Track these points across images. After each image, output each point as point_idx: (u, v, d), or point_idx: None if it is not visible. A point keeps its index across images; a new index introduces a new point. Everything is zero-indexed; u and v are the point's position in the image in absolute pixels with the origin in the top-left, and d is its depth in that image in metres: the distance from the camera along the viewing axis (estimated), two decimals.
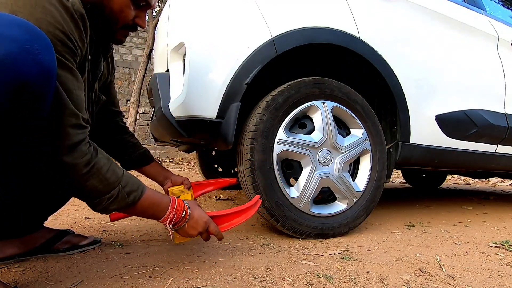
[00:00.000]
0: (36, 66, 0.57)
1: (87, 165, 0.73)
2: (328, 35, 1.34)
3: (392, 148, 1.57)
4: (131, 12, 0.86)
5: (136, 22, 0.88)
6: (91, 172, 0.74)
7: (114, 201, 0.79)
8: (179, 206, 0.89)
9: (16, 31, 0.55)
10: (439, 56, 1.66)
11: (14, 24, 0.56)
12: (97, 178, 0.75)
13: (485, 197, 2.94)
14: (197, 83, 1.21)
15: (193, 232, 0.92)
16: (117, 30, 0.88)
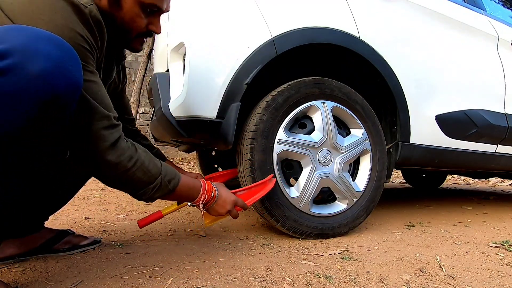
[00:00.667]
0: (66, 81, 0.61)
1: (130, 160, 0.79)
2: (328, 35, 1.34)
3: (392, 148, 1.57)
4: (143, 20, 0.86)
5: (150, 28, 0.89)
6: (136, 166, 0.80)
7: (158, 190, 0.87)
8: (209, 188, 1.00)
9: (50, 48, 0.59)
10: (439, 56, 1.66)
11: (48, 40, 0.60)
12: (141, 171, 0.82)
13: (485, 197, 2.94)
14: (197, 83, 1.21)
15: (223, 211, 1.03)
16: (132, 39, 0.89)
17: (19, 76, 0.56)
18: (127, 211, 1.78)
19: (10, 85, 0.56)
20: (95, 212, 1.71)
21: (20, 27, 0.60)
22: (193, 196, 0.97)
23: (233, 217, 1.06)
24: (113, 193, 2.40)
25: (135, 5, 0.83)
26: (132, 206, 1.91)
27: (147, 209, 1.83)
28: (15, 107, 0.57)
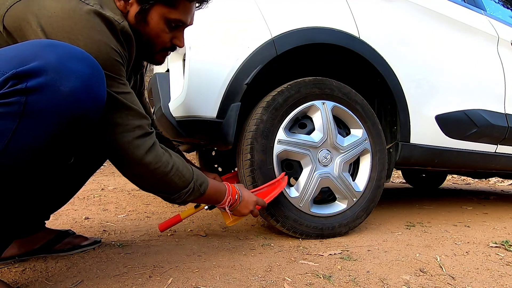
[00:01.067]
0: (93, 99, 0.64)
1: (167, 166, 0.83)
2: (328, 35, 1.34)
3: (392, 148, 1.57)
4: (168, 35, 0.88)
5: (174, 42, 0.90)
6: (172, 171, 0.85)
7: (191, 194, 0.91)
8: (233, 190, 1.05)
9: (81, 66, 0.62)
10: (439, 56, 1.66)
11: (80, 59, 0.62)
12: (177, 176, 0.86)
13: (485, 197, 2.94)
14: (197, 83, 1.21)
15: (246, 211, 1.08)
16: (156, 53, 0.91)
17: (51, 94, 0.58)
18: (127, 211, 1.78)
19: (42, 103, 0.58)
20: (95, 212, 1.71)
21: (55, 44, 0.62)
22: (219, 199, 1.02)
23: (254, 216, 1.13)
24: (113, 193, 2.40)
25: (161, 21, 0.84)
26: (132, 206, 1.91)
27: (147, 209, 1.83)
28: (44, 124, 0.60)
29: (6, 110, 0.56)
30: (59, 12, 0.67)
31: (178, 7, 0.84)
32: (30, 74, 0.57)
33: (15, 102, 0.56)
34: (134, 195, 2.34)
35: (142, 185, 0.87)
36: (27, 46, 0.61)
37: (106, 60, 0.71)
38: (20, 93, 0.57)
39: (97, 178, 3.31)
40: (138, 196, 2.30)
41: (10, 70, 0.57)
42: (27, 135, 0.58)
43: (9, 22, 0.68)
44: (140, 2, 0.81)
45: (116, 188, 2.67)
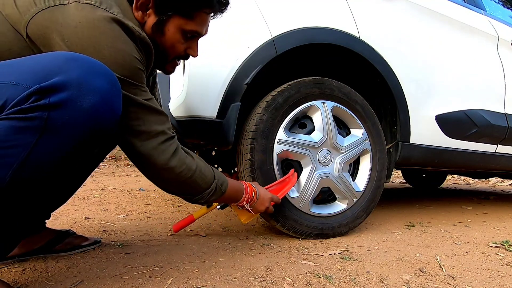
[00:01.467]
0: (111, 114, 0.65)
1: (191, 168, 0.86)
2: (328, 35, 1.34)
3: (392, 148, 1.57)
4: (183, 45, 0.89)
5: (188, 52, 0.92)
6: (196, 174, 0.87)
7: (213, 194, 0.95)
8: (250, 188, 1.08)
9: (102, 82, 0.63)
10: (439, 56, 1.66)
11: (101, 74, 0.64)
12: (200, 177, 0.89)
13: (485, 197, 2.94)
14: (197, 83, 1.21)
15: (262, 208, 1.11)
16: (168, 62, 0.93)
17: (73, 109, 0.60)
18: (127, 211, 1.78)
19: (63, 118, 0.59)
20: (95, 212, 1.71)
21: (78, 58, 0.63)
22: (238, 197, 1.05)
23: (269, 212, 1.17)
24: (113, 193, 2.40)
25: (177, 32, 0.86)
26: (132, 206, 1.91)
27: (147, 209, 1.83)
28: (64, 138, 0.61)
29: (27, 125, 0.57)
30: (84, 21, 0.68)
31: (195, 19, 0.86)
32: (53, 90, 0.58)
33: (37, 117, 0.57)
34: (134, 195, 2.34)
35: (167, 188, 0.90)
36: (49, 59, 0.62)
37: (130, 69, 0.74)
38: (42, 109, 0.57)
39: (97, 178, 3.31)
40: (138, 196, 2.30)
41: (33, 84, 0.57)
42: (46, 149, 0.59)
43: (33, 30, 0.68)
44: (158, 13, 0.83)
45: (116, 188, 2.68)
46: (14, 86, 0.57)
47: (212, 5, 0.87)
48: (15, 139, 0.56)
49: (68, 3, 0.69)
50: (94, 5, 0.70)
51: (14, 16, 0.69)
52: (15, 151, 0.57)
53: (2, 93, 0.57)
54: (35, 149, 0.58)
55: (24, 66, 0.61)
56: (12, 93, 0.57)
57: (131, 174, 3.92)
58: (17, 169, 0.57)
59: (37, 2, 0.69)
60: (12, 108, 0.56)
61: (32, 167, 0.59)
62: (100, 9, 0.70)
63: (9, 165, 0.56)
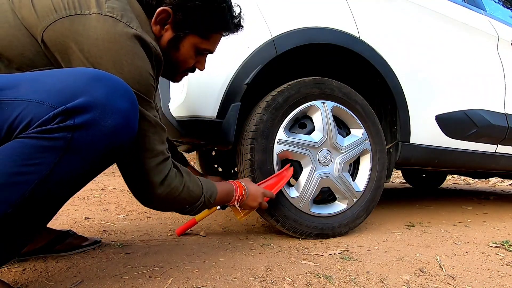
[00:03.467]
0: (129, 133, 0.67)
1: (178, 188, 0.86)
2: (328, 35, 1.34)
3: (392, 148, 1.57)
4: (193, 60, 0.93)
5: (197, 66, 0.96)
6: (183, 192, 0.88)
7: (203, 206, 0.97)
8: (240, 187, 1.10)
9: (124, 103, 0.64)
10: (439, 56, 1.66)
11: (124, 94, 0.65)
12: (188, 194, 0.90)
13: (485, 197, 2.94)
14: (197, 83, 1.21)
15: (255, 204, 1.13)
16: (178, 74, 0.96)
17: (96, 130, 0.61)
18: (127, 211, 1.78)
19: (86, 139, 0.60)
20: (95, 212, 1.71)
21: (102, 77, 0.63)
22: (229, 199, 1.07)
23: (263, 208, 1.17)
24: (113, 193, 2.40)
25: (191, 49, 0.89)
26: (132, 206, 1.91)
27: (147, 210, 1.83)
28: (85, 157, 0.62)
29: (51, 144, 0.58)
30: (105, 35, 0.68)
31: (210, 39, 0.90)
32: (78, 111, 0.59)
33: (61, 138, 0.58)
34: None
35: (155, 206, 0.89)
36: (73, 77, 0.62)
37: (145, 86, 0.74)
38: (67, 130, 0.59)
39: (97, 178, 3.31)
40: None
41: (58, 104, 0.58)
42: (66, 167, 0.60)
43: (50, 36, 0.68)
44: (175, 30, 0.85)
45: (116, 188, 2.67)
46: (39, 105, 0.58)
47: (229, 28, 0.92)
48: (39, 157, 0.58)
49: (89, 13, 0.69)
50: (115, 18, 0.70)
51: (31, 19, 0.68)
52: (37, 168, 0.58)
53: (28, 111, 0.58)
54: (56, 167, 0.59)
55: (48, 84, 0.61)
56: (38, 112, 0.58)
57: None
58: (37, 185, 0.58)
59: (57, 9, 0.68)
60: (37, 127, 0.57)
61: (51, 184, 0.60)
62: (121, 23, 0.70)
63: (30, 182, 0.58)
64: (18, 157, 0.57)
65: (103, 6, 0.70)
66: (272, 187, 1.19)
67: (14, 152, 0.57)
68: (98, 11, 0.69)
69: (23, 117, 0.58)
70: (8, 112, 0.58)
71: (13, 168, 0.57)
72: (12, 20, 0.68)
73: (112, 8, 0.70)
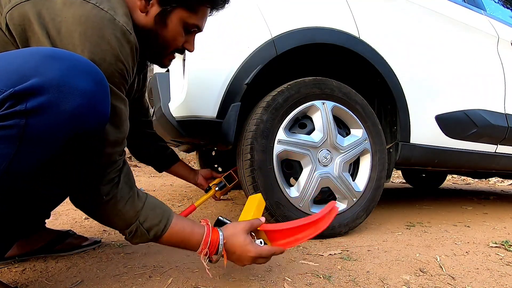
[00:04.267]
0: (96, 117, 0.60)
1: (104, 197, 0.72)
2: (328, 35, 1.34)
3: (392, 148, 1.57)
4: (183, 38, 0.87)
5: (185, 46, 0.90)
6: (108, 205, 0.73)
7: (134, 236, 0.77)
8: (214, 239, 0.78)
9: (85, 83, 0.57)
10: (439, 56, 1.66)
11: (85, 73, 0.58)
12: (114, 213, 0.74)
13: (485, 197, 2.94)
14: (197, 83, 1.21)
15: (240, 264, 0.83)
16: (166, 55, 0.90)
17: (53, 114, 0.54)
18: None
19: (44, 125, 0.54)
20: None
21: (58, 55, 0.57)
22: (190, 249, 0.81)
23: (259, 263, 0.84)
24: None
25: (179, 24, 0.84)
26: None
27: None
28: (45, 145, 0.56)
29: (3, 134, 0.52)
30: (70, 17, 0.63)
31: (198, 13, 0.85)
32: (30, 93, 0.52)
33: (14, 125, 0.52)
34: None
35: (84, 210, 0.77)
36: (26, 57, 0.55)
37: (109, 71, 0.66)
38: (19, 115, 0.52)
39: None
40: None
41: (6, 87, 0.51)
42: (28, 157, 0.55)
43: (13, 21, 0.63)
44: (162, 4, 0.80)
45: None
46: None
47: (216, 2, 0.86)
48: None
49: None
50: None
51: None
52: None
53: None
54: (15, 159, 0.54)
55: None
56: None
57: None
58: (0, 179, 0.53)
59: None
60: None
61: (16, 176, 0.56)
62: (90, 4, 0.65)
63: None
64: None
65: None
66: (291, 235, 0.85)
67: None
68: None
69: None
70: None
71: None
72: None
73: None
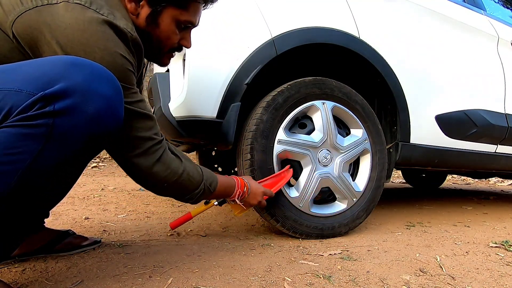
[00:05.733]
0: (114, 119, 0.66)
1: (176, 172, 0.86)
2: (328, 35, 1.34)
3: (392, 148, 1.57)
4: (177, 36, 0.88)
5: (182, 43, 0.91)
6: (183, 177, 0.88)
7: (202, 194, 0.96)
8: (242, 183, 1.09)
9: (105, 87, 0.63)
10: (439, 56, 1.66)
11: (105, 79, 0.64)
12: (187, 180, 0.90)
13: (485, 197, 2.94)
14: (197, 83, 1.21)
15: (255, 202, 1.12)
16: (164, 54, 0.92)
17: (78, 116, 0.60)
18: (127, 211, 1.78)
19: (69, 125, 0.59)
20: (95, 212, 1.71)
21: (80, 63, 0.62)
22: (229, 193, 1.07)
23: (262, 206, 1.17)
24: (113, 193, 2.40)
25: (171, 22, 0.85)
26: (132, 206, 1.91)
27: (147, 209, 1.83)
28: (69, 144, 0.61)
29: (33, 132, 0.57)
30: (74, 23, 0.67)
31: (189, 9, 0.85)
32: (58, 96, 0.58)
33: (43, 125, 0.58)
34: (134, 195, 2.34)
35: (154, 190, 0.90)
36: (50, 64, 0.61)
37: (121, 72, 0.72)
38: (48, 116, 0.58)
39: (97, 178, 3.31)
40: (138, 196, 2.30)
41: (36, 91, 0.57)
42: (51, 154, 0.60)
43: (18, 29, 0.67)
44: (151, 4, 0.81)
45: (116, 188, 2.67)
46: (17, 93, 0.57)
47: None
48: (21, 145, 0.57)
49: (56, 3, 0.67)
50: (84, 5, 0.68)
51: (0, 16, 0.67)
52: (21, 157, 0.57)
53: (6, 100, 0.57)
54: (40, 155, 0.58)
55: (25, 73, 0.60)
56: (16, 101, 0.57)
57: None
58: (23, 175, 0.58)
59: (23, 1, 0.67)
60: (17, 115, 0.57)
61: (37, 172, 0.59)
62: (90, 10, 0.68)
63: (15, 171, 0.57)
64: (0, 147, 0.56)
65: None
66: (271, 187, 1.19)
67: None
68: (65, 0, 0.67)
69: (1, 106, 0.57)
70: None
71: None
72: None
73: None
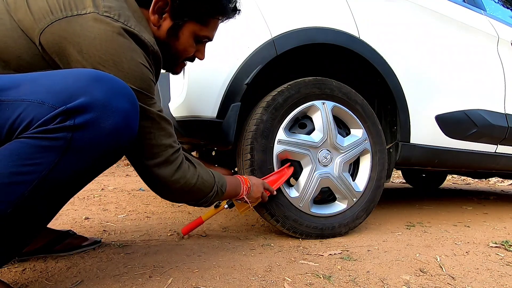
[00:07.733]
0: (129, 133, 0.67)
1: (193, 179, 0.89)
2: (328, 35, 1.34)
3: (392, 148, 1.57)
4: (193, 49, 0.92)
5: (196, 55, 0.95)
6: (198, 182, 0.90)
7: (216, 196, 0.98)
8: (245, 180, 1.12)
9: (124, 103, 0.65)
10: (439, 56, 1.66)
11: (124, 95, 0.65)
12: (202, 184, 0.92)
13: (485, 197, 2.94)
14: (197, 83, 1.21)
15: (258, 195, 1.15)
16: (178, 64, 0.96)
17: (96, 130, 0.61)
18: (127, 211, 1.78)
19: (87, 139, 0.61)
20: (95, 212, 1.71)
21: (102, 78, 0.63)
22: (238, 192, 1.09)
23: (264, 200, 1.19)
24: (113, 193, 2.40)
25: (190, 36, 0.89)
26: (132, 206, 1.91)
27: (147, 209, 1.83)
28: (85, 157, 0.63)
29: (52, 144, 0.58)
30: (103, 34, 0.68)
31: (209, 25, 0.89)
32: (79, 111, 0.59)
33: (61, 138, 0.59)
34: (134, 195, 2.35)
35: (173, 198, 0.92)
36: (73, 78, 0.62)
37: (145, 81, 0.74)
38: (67, 130, 0.59)
39: (97, 178, 3.30)
40: (138, 196, 2.30)
41: (58, 104, 0.59)
42: (66, 167, 0.61)
43: (48, 39, 0.68)
44: (174, 18, 0.84)
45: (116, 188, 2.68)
46: (39, 105, 0.58)
47: (226, 12, 0.90)
48: (39, 157, 0.58)
49: (86, 13, 0.68)
50: (113, 18, 0.70)
51: (27, 22, 0.68)
52: (37, 168, 0.58)
53: (28, 111, 0.58)
54: (56, 167, 0.59)
55: (48, 85, 0.61)
56: (38, 112, 0.58)
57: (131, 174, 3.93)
58: (37, 185, 0.58)
59: (53, 10, 0.68)
60: (38, 127, 0.58)
61: (51, 183, 0.60)
62: (119, 22, 0.70)
63: (29, 182, 0.58)
64: (18, 157, 0.57)
65: (100, 5, 0.70)
66: (271, 184, 1.20)
67: (14, 152, 0.57)
68: (95, 11, 0.69)
69: (23, 117, 0.58)
70: (9, 113, 0.58)
71: (13, 168, 0.57)
72: (9, 22, 0.68)
73: (109, 7, 0.70)
